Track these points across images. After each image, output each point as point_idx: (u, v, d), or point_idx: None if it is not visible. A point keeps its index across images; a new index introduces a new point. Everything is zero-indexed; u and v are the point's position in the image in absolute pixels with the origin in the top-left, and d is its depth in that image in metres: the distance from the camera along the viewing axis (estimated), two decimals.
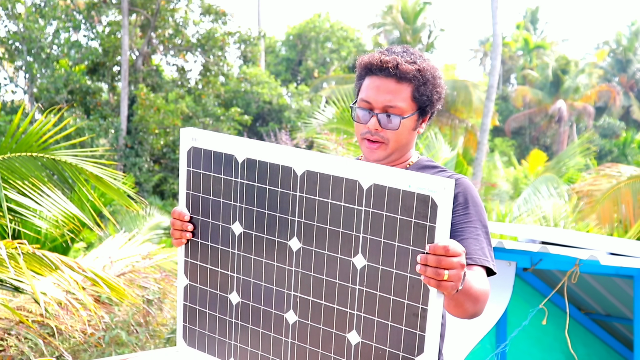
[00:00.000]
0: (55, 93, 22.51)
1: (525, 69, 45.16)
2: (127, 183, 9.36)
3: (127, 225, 12.17)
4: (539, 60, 45.11)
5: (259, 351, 1.95)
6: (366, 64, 2.12)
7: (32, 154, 4.66)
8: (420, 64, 2.10)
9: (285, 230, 1.85)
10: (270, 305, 1.91)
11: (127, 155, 22.39)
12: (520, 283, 5.58)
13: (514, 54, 46.98)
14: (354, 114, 2.15)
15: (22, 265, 3.58)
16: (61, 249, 8.05)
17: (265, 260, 1.91)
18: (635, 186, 12.99)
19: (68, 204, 4.86)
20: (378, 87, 2.08)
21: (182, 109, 22.64)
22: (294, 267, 1.85)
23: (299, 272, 1.84)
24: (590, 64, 47.36)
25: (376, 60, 2.10)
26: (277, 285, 1.89)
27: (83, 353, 5.73)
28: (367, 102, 2.09)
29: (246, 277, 1.95)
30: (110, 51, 24.40)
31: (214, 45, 24.78)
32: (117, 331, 5.95)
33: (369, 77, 2.12)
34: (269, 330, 1.92)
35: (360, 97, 2.12)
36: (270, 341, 1.92)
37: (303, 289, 1.84)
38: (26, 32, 23.33)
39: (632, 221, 12.56)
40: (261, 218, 1.89)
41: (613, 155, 36.22)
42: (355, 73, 2.20)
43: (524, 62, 46.27)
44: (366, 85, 2.11)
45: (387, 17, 30.56)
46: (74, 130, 17.97)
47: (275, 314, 1.90)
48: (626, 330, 5.95)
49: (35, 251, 3.78)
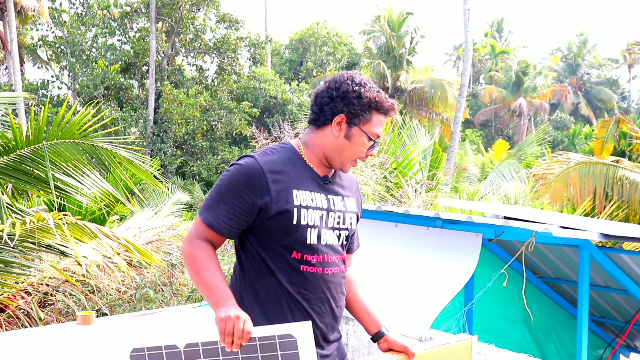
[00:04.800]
0: (93, 89, 22.55)
1: (492, 71, 45.08)
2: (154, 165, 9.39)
3: (153, 201, 12.16)
4: (503, 63, 45.04)
5: None
6: (379, 103, 2.04)
7: (74, 141, 4.65)
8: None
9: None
10: None
11: (154, 141, 22.36)
12: (486, 251, 5.61)
13: (483, 58, 46.86)
14: (361, 139, 2.03)
15: (66, 233, 3.59)
16: (99, 221, 8.06)
17: None
18: (581, 171, 13.03)
19: (104, 182, 4.86)
20: (382, 124, 2.07)
21: (201, 103, 22.60)
22: None
23: None
24: (546, 67, 47.41)
25: (388, 104, 2.05)
26: None
27: (118, 308, 5.76)
28: (378, 136, 2.06)
29: None
30: (140, 53, 24.38)
31: (228, 49, 24.74)
32: (146, 290, 5.98)
33: (378, 114, 2.05)
34: None
35: (371, 131, 2.03)
36: None
37: None
38: (70, 37, 23.39)
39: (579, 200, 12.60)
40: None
41: (564, 145, 36.25)
42: (361, 99, 2.01)
43: (491, 65, 46.18)
44: (376, 121, 2.04)
45: (376, 25, 30.36)
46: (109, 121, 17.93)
47: None
48: (572, 290, 5.99)
49: (77, 222, 3.79)
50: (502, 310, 5.74)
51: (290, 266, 1.98)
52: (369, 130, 2.03)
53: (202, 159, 23.14)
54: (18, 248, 4.07)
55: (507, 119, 42.48)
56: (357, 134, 2.02)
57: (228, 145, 23.86)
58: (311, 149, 2.07)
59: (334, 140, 2.03)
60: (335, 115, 2.02)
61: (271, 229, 1.95)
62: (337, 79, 2.05)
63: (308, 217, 1.97)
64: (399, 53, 28.72)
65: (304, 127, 12.36)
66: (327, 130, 2.04)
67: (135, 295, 5.94)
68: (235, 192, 1.92)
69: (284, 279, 1.98)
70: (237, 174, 1.94)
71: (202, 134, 23.73)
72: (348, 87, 2.01)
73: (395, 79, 28.25)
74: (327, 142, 2.04)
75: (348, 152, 2.04)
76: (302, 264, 1.98)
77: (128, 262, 6.00)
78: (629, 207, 12.33)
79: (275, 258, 1.98)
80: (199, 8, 24.17)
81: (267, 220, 1.94)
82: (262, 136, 9.73)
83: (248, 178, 1.92)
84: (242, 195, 1.92)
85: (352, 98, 2.00)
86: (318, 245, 2.00)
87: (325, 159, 2.07)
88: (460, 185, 13.79)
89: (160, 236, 6.80)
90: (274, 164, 1.97)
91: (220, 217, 1.94)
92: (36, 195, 7.81)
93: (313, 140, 2.08)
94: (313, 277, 1.99)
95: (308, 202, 1.98)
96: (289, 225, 1.95)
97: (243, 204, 1.92)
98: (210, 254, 1.95)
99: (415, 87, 28.18)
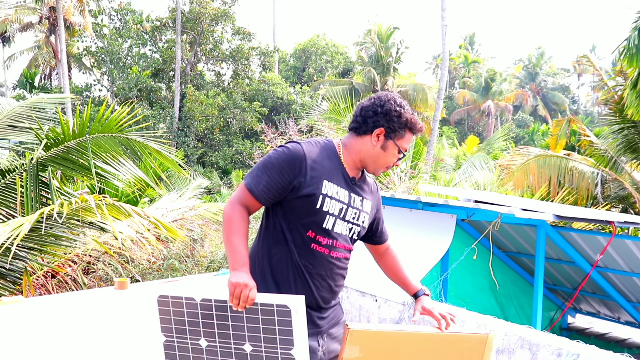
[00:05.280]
0: (128, 91, 22.51)
1: (465, 77, 44.92)
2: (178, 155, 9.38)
3: (178, 186, 12.14)
4: (475, 71, 44.86)
5: None
6: (414, 124, 2.06)
7: (112, 134, 4.64)
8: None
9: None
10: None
11: (179, 135, 22.33)
12: (459, 230, 5.62)
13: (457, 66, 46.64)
14: (393, 151, 2.06)
15: (105, 212, 3.59)
16: (132, 202, 8.06)
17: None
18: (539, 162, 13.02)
19: (137, 170, 4.85)
20: (411, 141, 2.14)
21: (218, 103, 22.55)
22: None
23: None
24: (510, 75, 47.22)
25: (420, 126, 2.08)
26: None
27: (148, 275, 5.78)
28: (406, 150, 2.08)
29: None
30: (167, 61, 24.30)
31: (242, 57, 24.66)
32: (172, 261, 5.99)
33: (410, 132, 2.07)
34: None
35: (402, 146, 2.05)
36: None
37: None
38: (109, 47, 23.45)
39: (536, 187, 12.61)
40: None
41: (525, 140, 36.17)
42: (400, 118, 2.03)
43: (464, 72, 45.98)
44: (407, 138, 2.07)
45: (367, 37, 30.16)
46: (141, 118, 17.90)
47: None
48: (530, 262, 6.01)
49: (114, 203, 3.78)
50: (472, 279, 5.76)
51: (304, 241, 1.97)
52: (401, 145, 2.05)
53: (219, 150, 23.11)
54: (66, 224, 4.07)
55: (477, 118, 42.39)
56: (391, 147, 2.04)
57: (241, 139, 23.84)
58: (349, 151, 2.07)
59: (371, 148, 2.04)
60: (376, 128, 2.02)
61: (297, 207, 1.95)
62: (382, 97, 2.06)
63: (330, 205, 1.97)
64: (386, 61, 28.58)
65: (306, 123, 12.34)
66: (367, 139, 2.04)
67: (162, 265, 5.95)
68: (278, 168, 1.92)
69: (296, 251, 1.98)
70: (284, 154, 1.94)
71: (220, 129, 23.68)
72: (391, 107, 2.02)
73: (383, 84, 28.16)
74: (365, 149, 2.05)
75: (382, 160, 2.06)
76: (313, 242, 1.98)
77: (157, 237, 6.01)
78: (577, 193, 12.36)
79: (294, 232, 1.98)
80: (217, 23, 24.07)
81: (296, 199, 1.94)
82: (270, 131, 9.71)
83: (292, 159, 1.93)
84: (283, 172, 1.92)
85: (393, 116, 2.02)
86: (331, 231, 2.00)
87: (360, 162, 2.08)
88: (438, 174, 13.79)
89: (183, 215, 6.80)
90: (315, 154, 1.98)
91: (261, 186, 1.93)
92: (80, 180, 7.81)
93: (352, 145, 2.07)
94: (320, 255, 1.99)
95: (333, 194, 1.98)
96: (312, 208, 1.94)
97: (282, 180, 1.92)
98: (244, 220, 1.95)
99: (400, 90, 28.09)
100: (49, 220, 3.81)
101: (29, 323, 2.94)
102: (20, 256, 4.26)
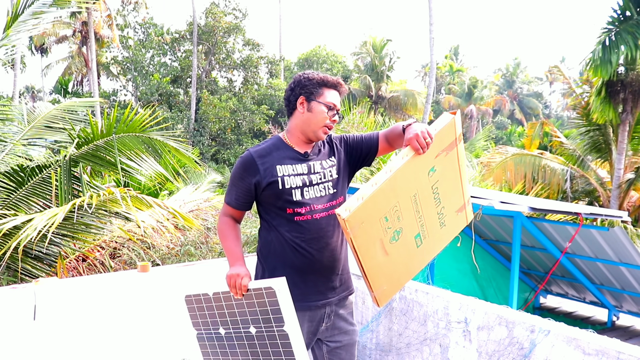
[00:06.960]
0: (150, 95, 22.50)
1: (450, 84, 44.79)
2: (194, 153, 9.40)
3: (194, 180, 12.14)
4: (459, 79, 44.74)
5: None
6: (326, 80, 2.00)
7: (136, 134, 4.64)
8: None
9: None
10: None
11: (195, 135, 22.31)
12: None
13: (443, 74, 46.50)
14: (320, 109, 1.98)
15: (129, 203, 3.59)
16: (153, 194, 8.06)
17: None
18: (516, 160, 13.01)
19: (157, 166, 4.85)
20: (336, 97, 2.02)
21: (230, 106, 22.51)
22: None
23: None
24: (490, 82, 47.09)
25: (333, 79, 2.01)
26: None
27: (167, 260, 5.78)
28: (334, 105, 2.00)
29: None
30: (185, 69, 24.26)
31: (251, 65, 24.60)
32: (188, 247, 5.99)
33: (328, 88, 2.00)
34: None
35: (326, 102, 1.98)
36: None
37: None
38: (134, 57, 23.46)
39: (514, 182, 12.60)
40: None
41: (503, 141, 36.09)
42: (311, 80, 1.99)
43: (450, 79, 45.86)
44: (328, 95, 2.00)
45: (363, 48, 30.08)
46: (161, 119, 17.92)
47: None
48: (507, 249, 6.01)
49: (137, 195, 3.79)
50: (456, 264, 5.77)
51: (287, 220, 1.98)
52: (324, 101, 1.99)
53: (231, 148, 23.09)
54: (95, 214, 4.07)
55: (461, 121, 42.32)
56: (315, 106, 1.99)
57: (251, 138, 23.81)
58: (291, 132, 2.06)
59: (302, 116, 2.01)
60: (297, 99, 2.02)
61: (268, 196, 1.98)
62: (294, 77, 2.08)
63: (291, 181, 1.97)
64: (380, 70, 28.52)
65: None
66: (296, 113, 2.03)
67: (180, 250, 5.96)
68: (239, 177, 1.99)
69: (284, 229, 1.98)
70: (239, 165, 2.00)
71: (231, 130, 23.66)
72: (300, 77, 2.04)
73: (377, 89, 28.11)
74: (298, 121, 2.03)
75: (314, 122, 2.00)
76: (295, 215, 1.98)
77: (175, 226, 6.02)
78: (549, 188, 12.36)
79: (277, 218, 1.99)
80: (229, 35, 24.04)
81: (264, 192, 1.97)
82: (276, 131, 9.68)
83: (245, 166, 1.98)
84: (244, 178, 1.98)
85: (305, 82, 2.01)
86: (303, 200, 1.98)
87: (302, 135, 2.04)
88: None
89: (199, 207, 6.81)
90: (262, 150, 2.01)
91: (233, 196, 2.02)
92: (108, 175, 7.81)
93: (291, 126, 2.07)
94: (306, 223, 1.98)
95: (290, 172, 1.98)
96: (278, 190, 1.96)
97: (245, 185, 1.98)
98: (231, 227, 2.05)
99: (392, 95, 28.04)
100: (80, 210, 3.81)
101: (63, 301, 2.95)
102: (55, 242, 4.27)
